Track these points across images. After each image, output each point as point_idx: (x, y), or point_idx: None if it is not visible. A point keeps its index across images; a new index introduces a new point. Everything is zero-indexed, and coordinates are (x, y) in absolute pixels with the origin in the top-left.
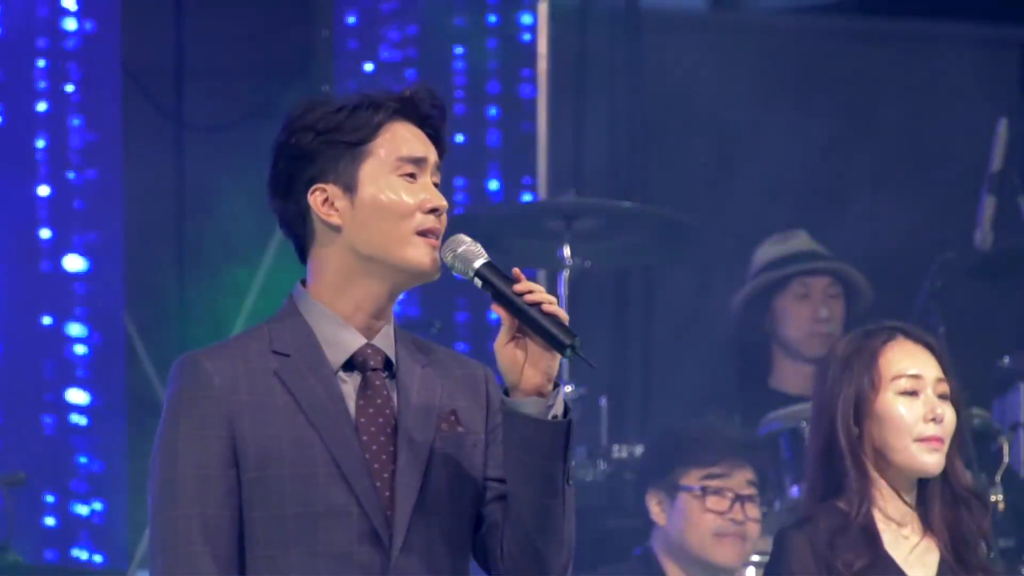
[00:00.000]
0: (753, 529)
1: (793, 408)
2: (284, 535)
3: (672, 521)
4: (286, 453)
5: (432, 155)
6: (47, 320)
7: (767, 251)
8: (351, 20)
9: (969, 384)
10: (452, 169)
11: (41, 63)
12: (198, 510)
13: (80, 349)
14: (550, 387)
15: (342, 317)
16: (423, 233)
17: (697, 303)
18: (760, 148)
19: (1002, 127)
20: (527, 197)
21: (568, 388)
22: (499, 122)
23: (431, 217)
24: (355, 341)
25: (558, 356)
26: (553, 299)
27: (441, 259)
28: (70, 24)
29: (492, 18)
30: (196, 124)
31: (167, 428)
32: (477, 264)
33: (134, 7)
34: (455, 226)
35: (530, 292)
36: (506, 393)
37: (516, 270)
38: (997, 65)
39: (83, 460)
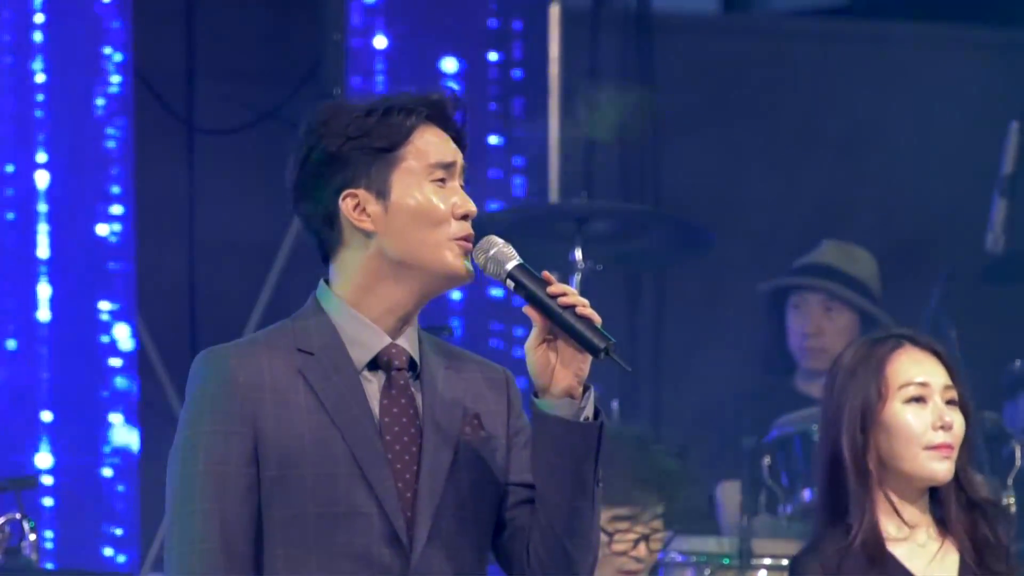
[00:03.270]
0: (652, 558)
1: (804, 412)
2: (304, 535)
3: None
4: (308, 452)
5: (459, 159)
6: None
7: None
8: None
9: (980, 388)
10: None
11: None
12: (217, 506)
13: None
14: (580, 389)
15: (368, 318)
16: (458, 239)
17: (708, 307)
18: (771, 151)
19: (1014, 130)
20: (538, 200)
21: None
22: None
23: (465, 223)
24: (380, 341)
25: (589, 358)
26: (586, 301)
27: (473, 261)
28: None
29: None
30: (207, 127)
31: (188, 423)
32: (509, 266)
33: (145, 10)
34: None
35: (564, 295)
36: (535, 395)
37: (546, 273)
38: (1009, 68)
39: (93, 462)
